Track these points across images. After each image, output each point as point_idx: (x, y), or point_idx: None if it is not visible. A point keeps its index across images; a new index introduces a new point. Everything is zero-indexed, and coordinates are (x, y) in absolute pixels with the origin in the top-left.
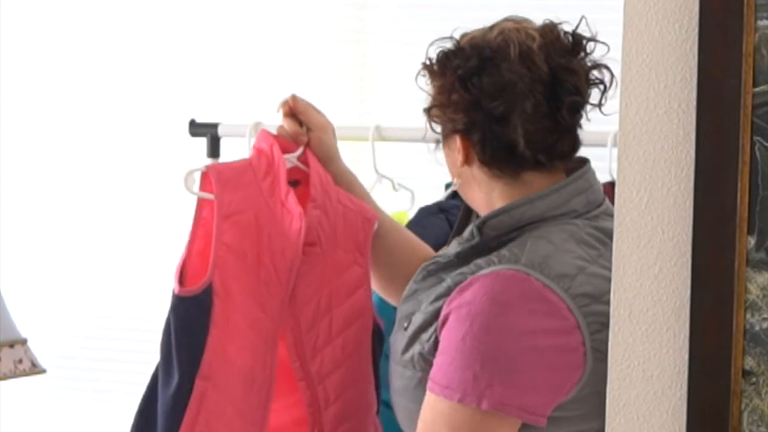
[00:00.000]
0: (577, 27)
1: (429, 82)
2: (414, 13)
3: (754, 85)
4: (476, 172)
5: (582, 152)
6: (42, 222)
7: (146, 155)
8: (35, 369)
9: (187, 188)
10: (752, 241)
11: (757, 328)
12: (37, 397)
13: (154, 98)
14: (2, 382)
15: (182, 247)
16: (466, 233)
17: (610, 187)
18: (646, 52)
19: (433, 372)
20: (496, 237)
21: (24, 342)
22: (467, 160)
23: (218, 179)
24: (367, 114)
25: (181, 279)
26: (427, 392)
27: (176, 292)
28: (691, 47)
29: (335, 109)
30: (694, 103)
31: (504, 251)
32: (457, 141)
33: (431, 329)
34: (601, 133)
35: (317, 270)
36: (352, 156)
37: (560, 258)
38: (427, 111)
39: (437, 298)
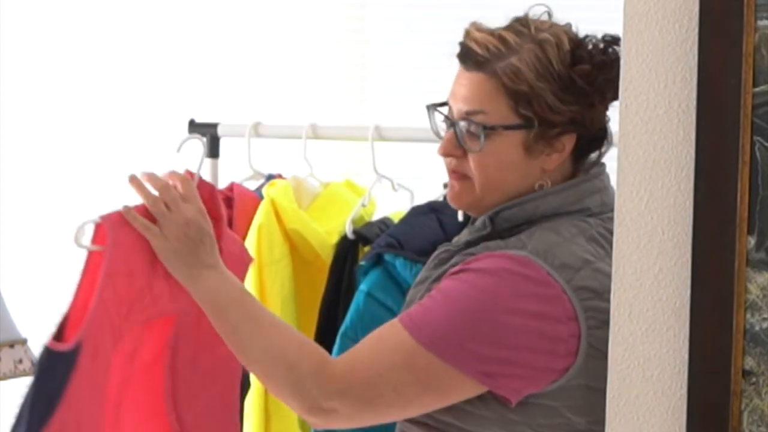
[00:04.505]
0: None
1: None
2: (414, 13)
3: (754, 85)
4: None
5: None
6: (42, 222)
7: (146, 155)
8: (35, 369)
9: (76, 242)
10: (752, 241)
11: (757, 328)
12: None
13: (154, 98)
14: (2, 382)
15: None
16: (479, 223)
17: None
18: (646, 52)
19: (413, 309)
20: (507, 229)
21: (24, 342)
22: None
23: (114, 236)
24: (367, 114)
25: (61, 332)
26: (396, 320)
27: (47, 343)
28: (691, 47)
29: (335, 109)
30: (694, 103)
31: (512, 239)
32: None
33: None
34: None
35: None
36: (352, 156)
37: (566, 249)
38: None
39: (439, 277)
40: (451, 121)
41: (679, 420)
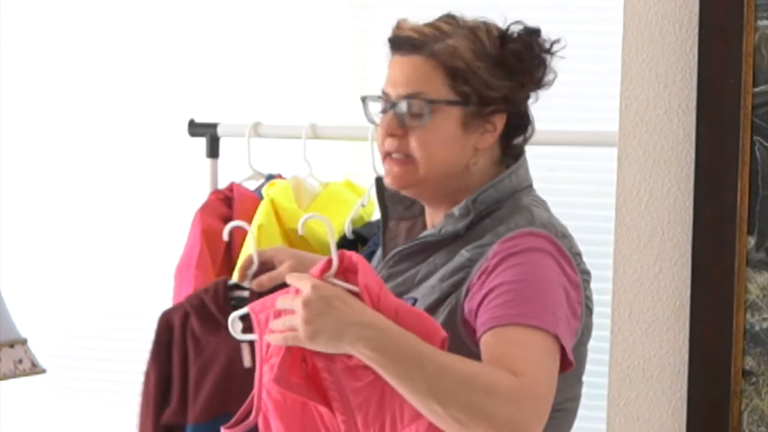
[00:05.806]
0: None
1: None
2: (415, 14)
3: (754, 85)
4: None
5: (585, 152)
6: (42, 222)
7: (146, 155)
8: (35, 369)
9: (233, 332)
10: (752, 241)
11: (757, 328)
12: (37, 397)
13: (153, 98)
14: (2, 382)
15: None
16: (459, 210)
17: None
18: (646, 52)
19: (488, 313)
20: (480, 212)
21: (24, 342)
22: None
23: (257, 322)
24: None
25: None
26: (488, 333)
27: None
28: (691, 47)
29: (335, 109)
30: (694, 103)
31: (517, 218)
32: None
33: (449, 301)
34: (605, 133)
35: (377, 392)
36: (352, 156)
37: (555, 220)
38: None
39: (455, 272)
40: (391, 103)
41: (679, 420)
